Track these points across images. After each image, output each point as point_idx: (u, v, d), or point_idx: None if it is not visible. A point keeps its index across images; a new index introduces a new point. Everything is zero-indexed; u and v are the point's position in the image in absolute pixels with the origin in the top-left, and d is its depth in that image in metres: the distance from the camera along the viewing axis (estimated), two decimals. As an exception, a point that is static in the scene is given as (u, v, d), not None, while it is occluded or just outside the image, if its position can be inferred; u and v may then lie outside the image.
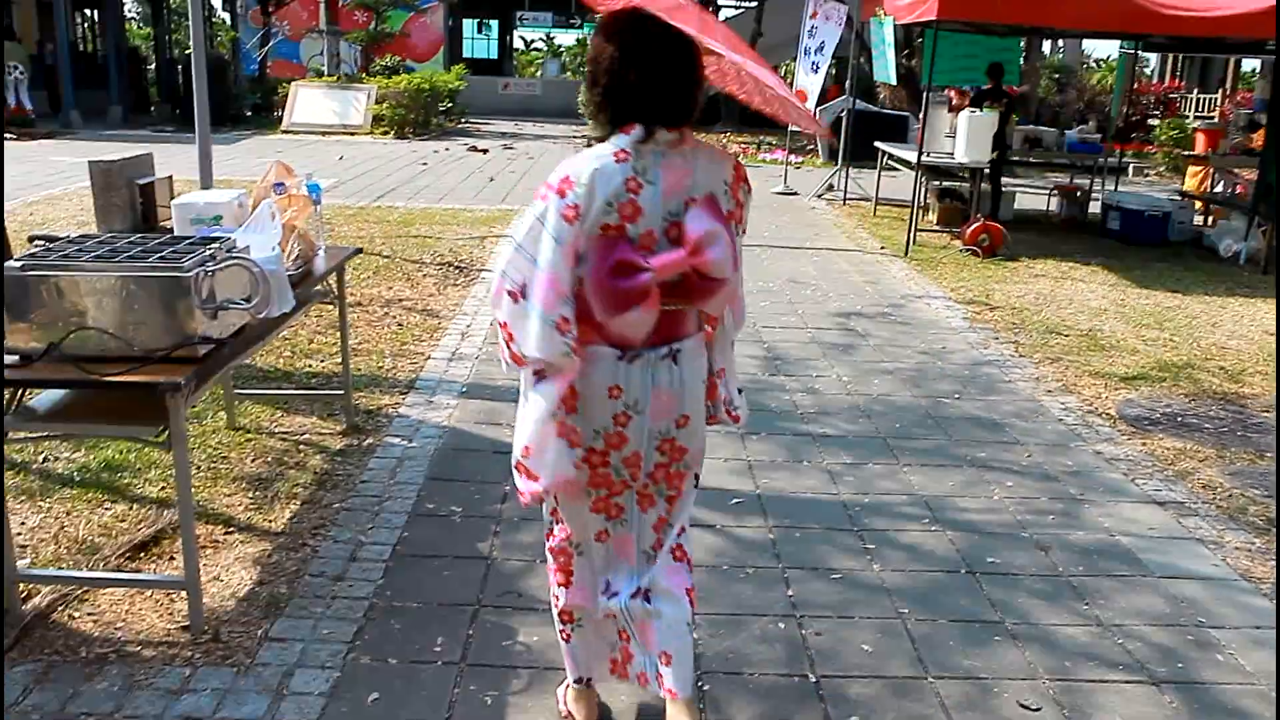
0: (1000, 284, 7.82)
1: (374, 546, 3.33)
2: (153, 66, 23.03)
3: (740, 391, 2.51)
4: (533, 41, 42.44)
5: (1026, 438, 4.61)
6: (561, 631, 2.48)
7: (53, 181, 10.99)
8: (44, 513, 3.50)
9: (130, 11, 29.02)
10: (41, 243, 2.89)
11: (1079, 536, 3.66)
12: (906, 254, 8.79)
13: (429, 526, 3.49)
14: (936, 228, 10.14)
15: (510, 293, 2.12)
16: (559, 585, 2.45)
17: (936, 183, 10.51)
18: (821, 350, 5.83)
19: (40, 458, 3.89)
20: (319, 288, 3.89)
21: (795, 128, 12.47)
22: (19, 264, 2.67)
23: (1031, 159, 11.54)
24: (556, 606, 2.47)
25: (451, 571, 3.19)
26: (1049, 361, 5.79)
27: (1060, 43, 24.83)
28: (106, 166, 8.73)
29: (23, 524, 3.41)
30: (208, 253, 2.76)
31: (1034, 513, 3.84)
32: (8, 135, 15.63)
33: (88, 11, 23.57)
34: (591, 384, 2.20)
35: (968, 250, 8.96)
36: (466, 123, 21.50)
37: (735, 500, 3.81)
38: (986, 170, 9.67)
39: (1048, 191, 12.20)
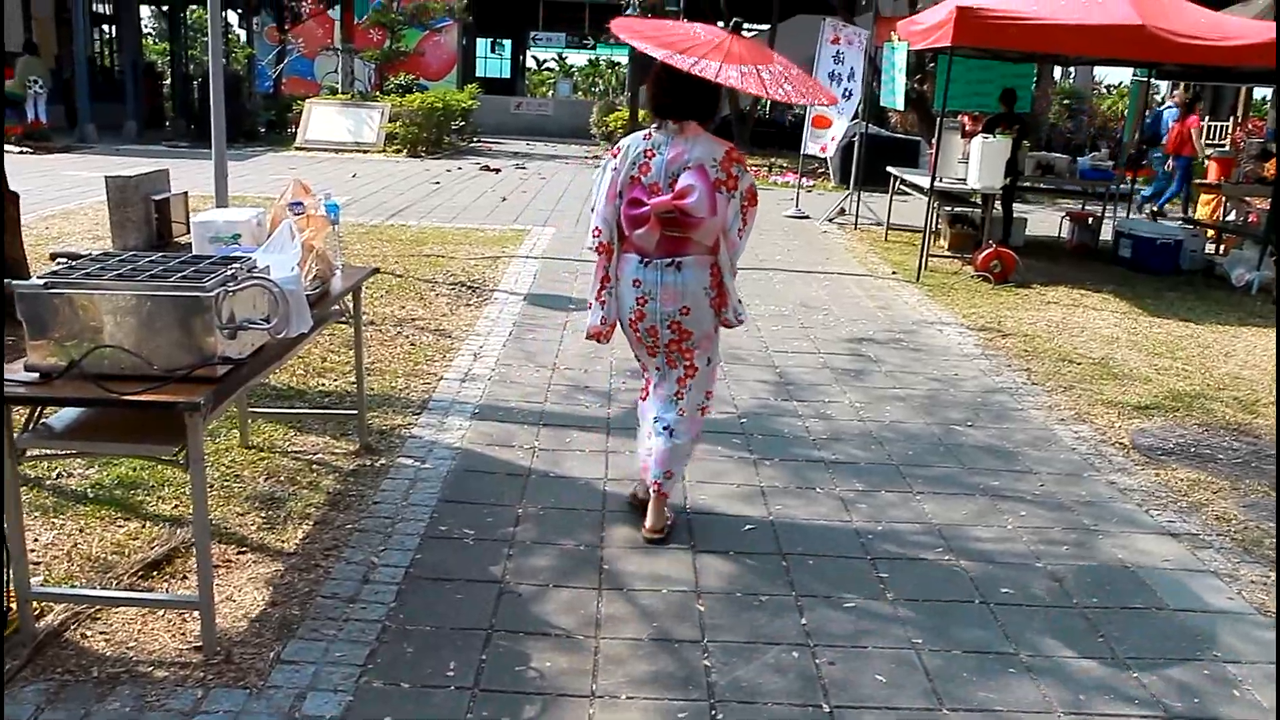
0: (1012, 311, 7.81)
1: (386, 568, 3.32)
2: (168, 82, 23.17)
3: (740, 302, 3.61)
4: (545, 61, 42.68)
5: (1039, 467, 4.59)
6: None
7: (68, 196, 11.06)
8: (57, 529, 3.51)
9: (147, 26, 29.27)
10: (64, 260, 2.91)
11: (1093, 567, 3.64)
12: (918, 279, 8.79)
13: (441, 549, 3.49)
14: (948, 253, 10.14)
15: (592, 209, 3.56)
16: (640, 399, 3.83)
17: (948, 208, 10.52)
18: (833, 376, 5.82)
19: (54, 474, 3.90)
20: (336, 307, 3.90)
21: (807, 149, 12.54)
22: (42, 281, 2.69)
23: (1043, 185, 11.54)
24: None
25: (464, 595, 3.19)
26: (1061, 390, 5.77)
27: (1072, 69, 24.88)
28: (123, 182, 8.79)
29: (36, 541, 3.40)
30: (228, 273, 2.78)
31: (1047, 543, 3.82)
32: (24, 149, 15.74)
33: (105, 27, 23.78)
34: (623, 276, 3.51)
35: (979, 276, 8.96)
36: (479, 142, 21.60)
37: (748, 527, 3.80)
38: (999, 196, 9.68)
39: (1059, 218, 12.19)
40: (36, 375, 2.69)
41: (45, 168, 13.69)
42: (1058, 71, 23.44)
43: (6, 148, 15.10)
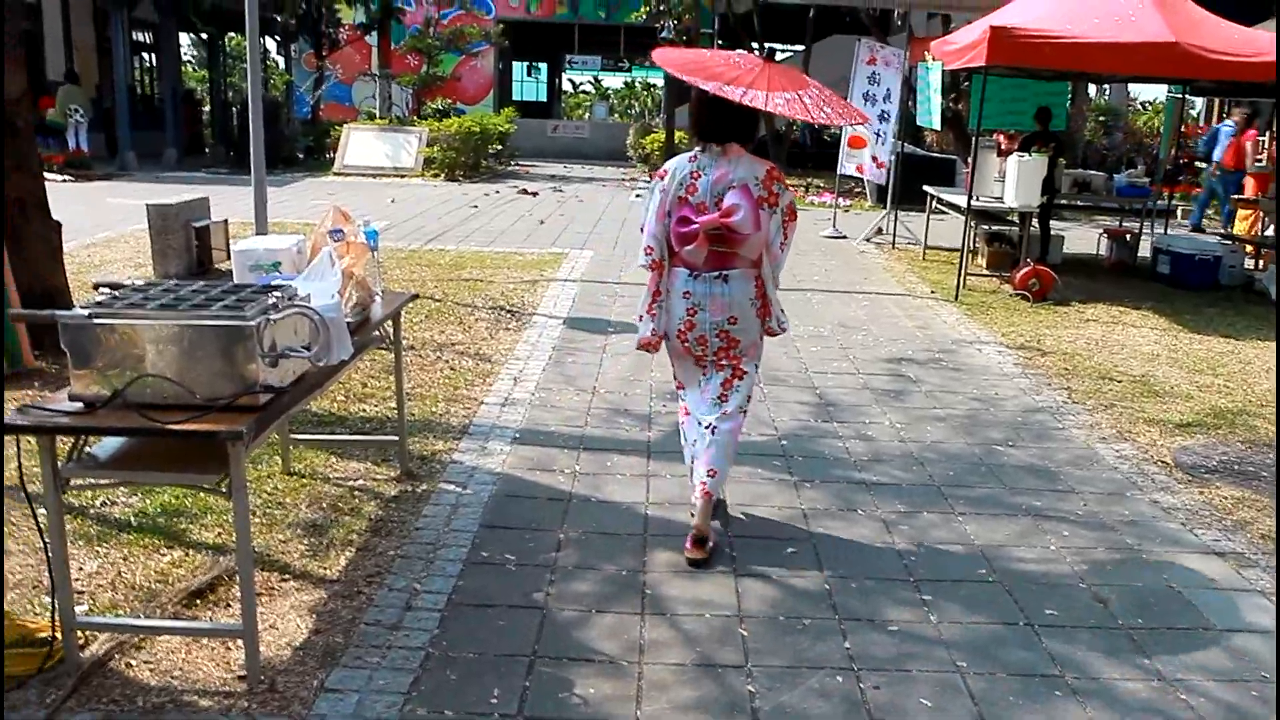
0: (1051, 329, 7.72)
1: (429, 595, 3.32)
2: (208, 109, 23.58)
3: (783, 311, 3.87)
4: (581, 84, 42.96)
5: (1082, 486, 4.52)
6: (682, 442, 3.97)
7: (109, 224, 11.24)
8: (101, 558, 3.53)
9: (187, 54, 29.82)
10: (107, 290, 2.94)
11: (1138, 588, 3.57)
12: (956, 298, 8.71)
13: (484, 575, 3.49)
14: (986, 272, 10.05)
15: (641, 228, 3.79)
16: (681, 413, 3.98)
17: (985, 227, 10.44)
18: (873, 396, 5.78)
19: (99, 502, 3.94)
20: (376, 333, 3.93)
21: (844, 170, 12.50)
22: (87, 312, 2.72)
23: (1080, 202, 11.44)
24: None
25: (507, 621, 3.18)
26: (1102, 408, 5.68)
27: (1106, 85, 24.66)
28: (163, 210, 9.00)
29: (80, 569, 3.43)
30: (270, 301, 2.80)
31: (1091, 563, 3.75)
32: (66, 177, 16.04)
33: (145, 55, 24.25)
34: (673, 289, 3.73)
35: (1018, 295, 8.87)
36: (516, 165, 21.74)
37: (790, 550, 3.76)
38: (1036, 214, 9.59)
39: (1097, 235, 12.06)
40: (81, 405, 2.72)
41: (87, 196, 13.95)
42: (1092, 88, 23.25)
43: (49, 176, 15.46)
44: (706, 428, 3.76)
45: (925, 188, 11.46)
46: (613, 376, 5.95)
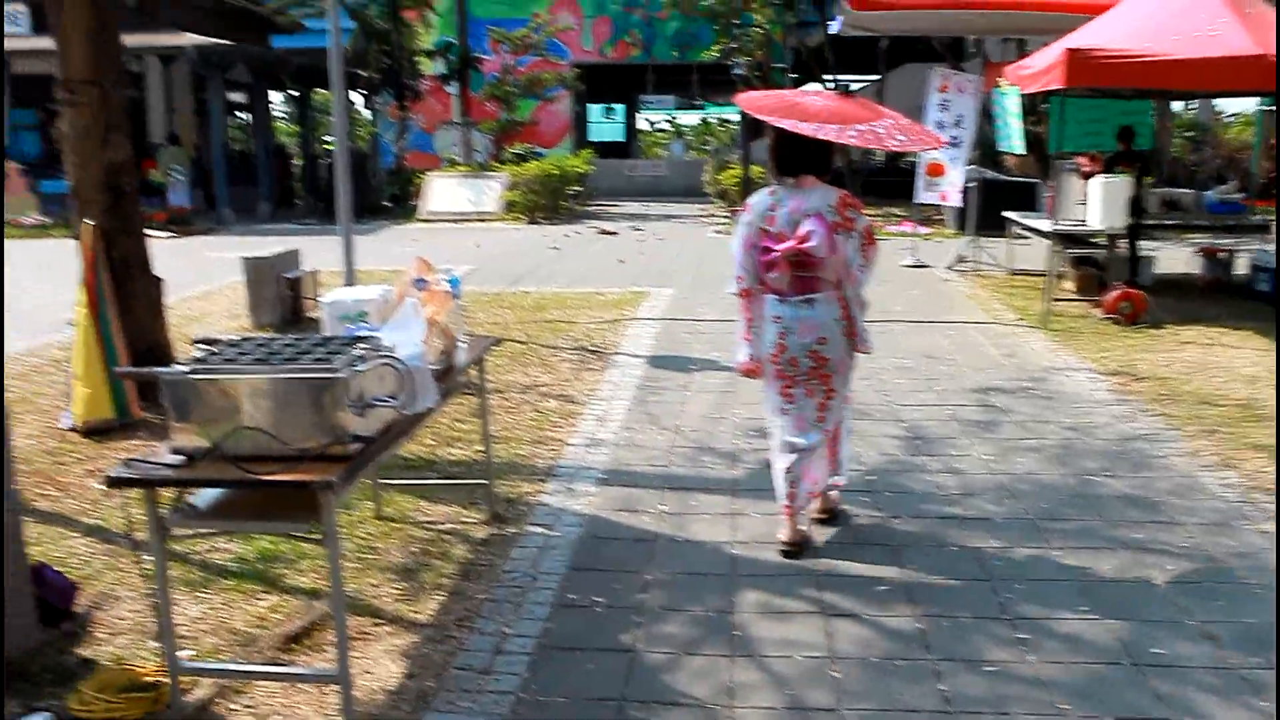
0: (1145, 353, 7.48)
1: (518, 638, 3.35)
2: (299, 163, 24.40)
3: (867, 330, 4.02)
4: (658, 123, 43.31)
5: (1185, 517, 4.34)
6: (773, 469, 4.14)
7: (208, 277, 11.67)
8: (204, 604, 3.66)
9: (279, 111, 30.94)
10: (204, 346, 3.06)
11: (1250, 624, 3.41)
12: (1044, 325, 8.51)
13: (572, 617, 3.50)
14: (1074, 296, 9.79)
15: (732, 259, 4.00)
16: (774, 448, 4.14)
17: (1072, 250, 10.19)
18: (962, 428, 5.66)
19: (203, 549, 4.07)
20: (461, 378, 4.00)
21: (923, 197, 12.35)
22: (187, 368, 2.83)
23: (1169, 222, 11.08)
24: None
25: (595, 664, 3.18)
26: (1204, 434, 5.47)
27: (1194, 100, 23.94)
28: (258, 263, 9.35)
29: (185, 615, 3.55)
30: (357, 353, 2.87)
31: (1199, 598, 3.59)
32: (168, 233, 16.73)
33: (240, 114, 25.23)
34: (764, 314, 3.96)
35: (1109, 319, 8.62)
36: (595, 205, 21.99)
37: (881, 588, 3.70)
38: (1124, 236, 9.33)
39: (1190, 254, 11.67)
40: (181, 457, 2.82)
41: (187, 250, 14.53)
42: (1177, 104, 22.59)
43: (152, 232, 16.12)
44: (809, 451, 3.99)
45: (1005, 213, 11.26)
46: (696, 414, 5.95)
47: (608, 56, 26.33)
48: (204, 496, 2.96)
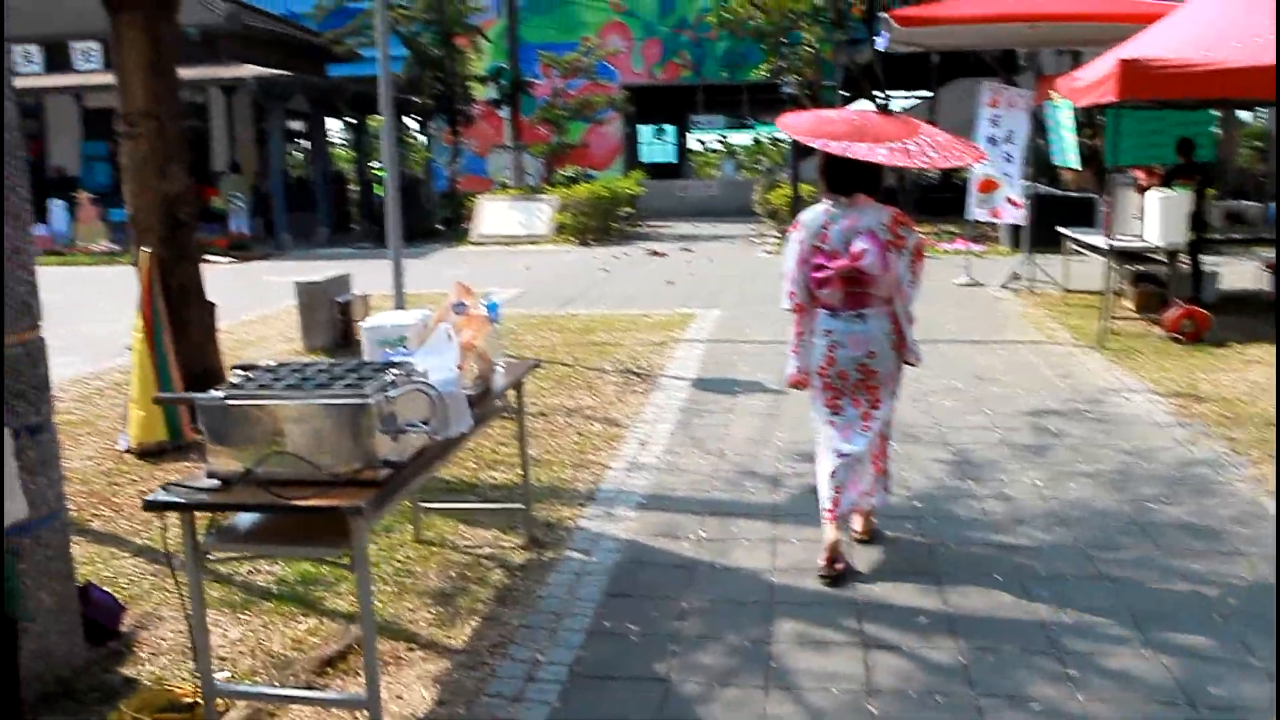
0: (1208, 373, 7.25)
1: (551, 666, 3.32)
2: (356, 188, 24.82)
3: (916, 343, 4.11)
4: (710, 143, 43.34)
5: (1249, 547, 4.17)
6: (818, 475, 4.19)
7: (265, 301, 11.87)
8: (244, 625, 3.69)
9: (338, 138, 31.52)
10: (241, 373, 3.09)
11: (1320, 664, 3.26)
12: (1101, 344, 8.29)
13: (606, 645, 3.46)
14: (1133, 315, 9.54)
15: (784, 275, 4.07)
16: (819, 453, 4.18)
17: (1130, 267, 9.95)
18: (1012, 452, 5.52)
19: (244, 570, 4.11)
20: (499, 403, 4.00)
21: (975, 216, 12.16)
22: (222, 394, 2.86)
23: (1235, 236, 10.77)
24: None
25: (628, 694, 3.14)
26: (1270, 459, 5.26)
27: (1264, 109, 23.31)
28: (311, 287, 9.49)
29: (225, 636, 3.60)
30: (388, 379, 2.88)
31: (1263, 635, 3.44)
32: (229, 258, 17.10)
33: (300, 142, 25.76)
34: (816, 328, 4.04)
35: (1170, 338, 8.39)
36: (646, 226, 22.04)
37: (922, 619, 3.60)
38: (1185, 251, 9.09)
39: (1257, 269, 11.33)
40: (218, 481, 2.85)
41: (246, 275, 14.82)
42: (1245, 112, 22.03)
43: (213, 258, 16.52)
44: (854, 458, 4.05)
45: (1059, 229, 11.04)
46: (740, 438, 5.88)
47: (657, 78, 26.46)
48: (240, 520, 2.99)
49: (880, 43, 12.58)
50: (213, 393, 2.88)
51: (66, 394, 7.52)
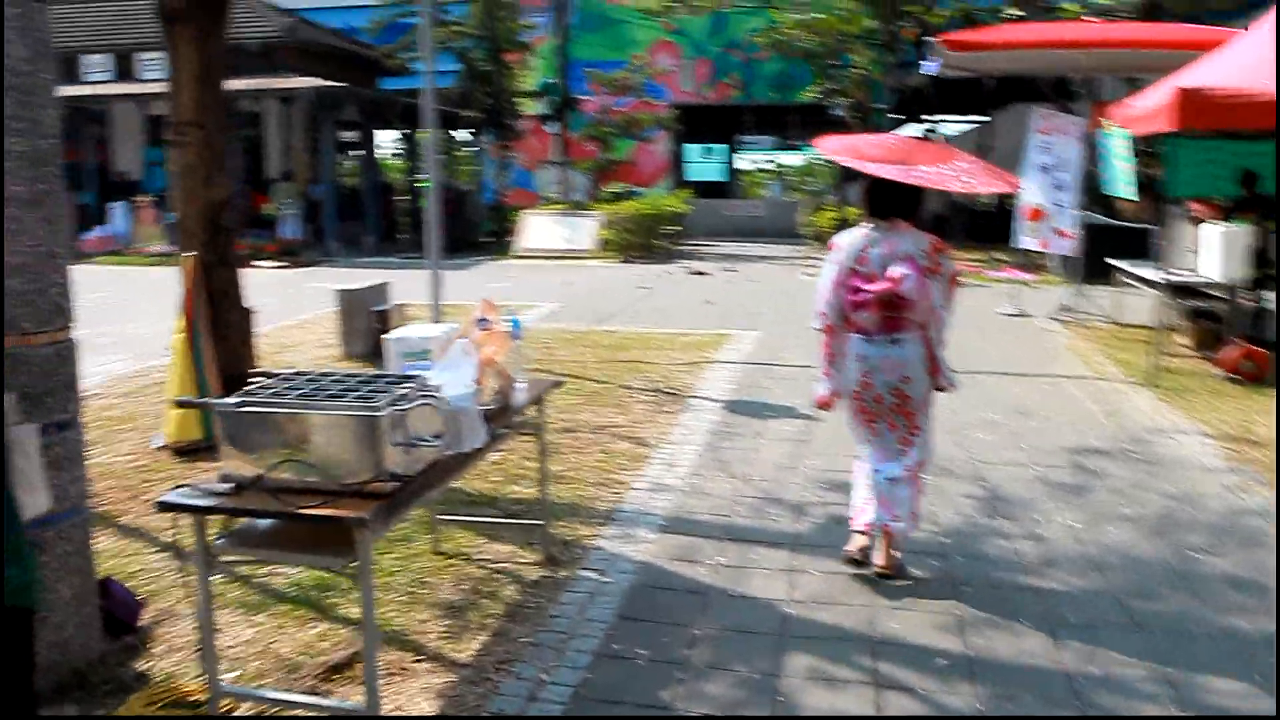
0: (1266, 416, 6.97)
1: (555, 687, 3.26)
2: (406, 199, 25.13)
3: (950, 369, 4.18)
4: (760, 163, 43.29)
5: (1298, 604, 3.99)
6: (854, 486, 4.29)
7: (308, 307, 11.98)
8: (258, 627, 3.70)
9: (391, 148, 31.93)
10: (260, 379, 3.09)
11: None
12: (1153, 382, 8.05)
13: (612, 668, 3.39)
14: (1189, 352, 9.28)
15: (817, 295, 4.13)
16: (855, 470, 4.31)
17: (1186, 302, 9.69)
18: (1048, 491, 5.36)
19: (263, 572, 4.10)
20: (518, 419, 3.96)
21: (1023, 243, 11.95)
22: (235, 400, 2.86)
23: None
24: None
25: (630, 721, 3.07)
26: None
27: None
28: (350, 295, 9.58)
29: (237, 637, 3.62)
30: (400, 392, 2.86)
31: (1310, 698, 3.27)
32: (277, 264, 17.34)
33: (352, 152, 26.15)
34: (849, 352, 4.09)
35: (1227, 378, 8.13)
36: (691, 245, 21.99)
37: (941, 661, 3.48)
38: (1246, 288, 8.83)
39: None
40: (230, 486, 2.85)
41: (293, 281, 15.00)
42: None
43: (260, 264, 16.77)
44: (888, 479, 4.12)
45: (1110, 260, 10.79)
46: (768, 463, 5.79)
47: (706, 97, 26.44)
48: (252, 524, 2.99)
49: (929, 67, 12.43)
50: (227, 399, 2.88)
51: (111, 390, 7.64)
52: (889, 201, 4.04)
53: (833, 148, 4.26)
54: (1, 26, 2.85)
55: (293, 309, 11.76)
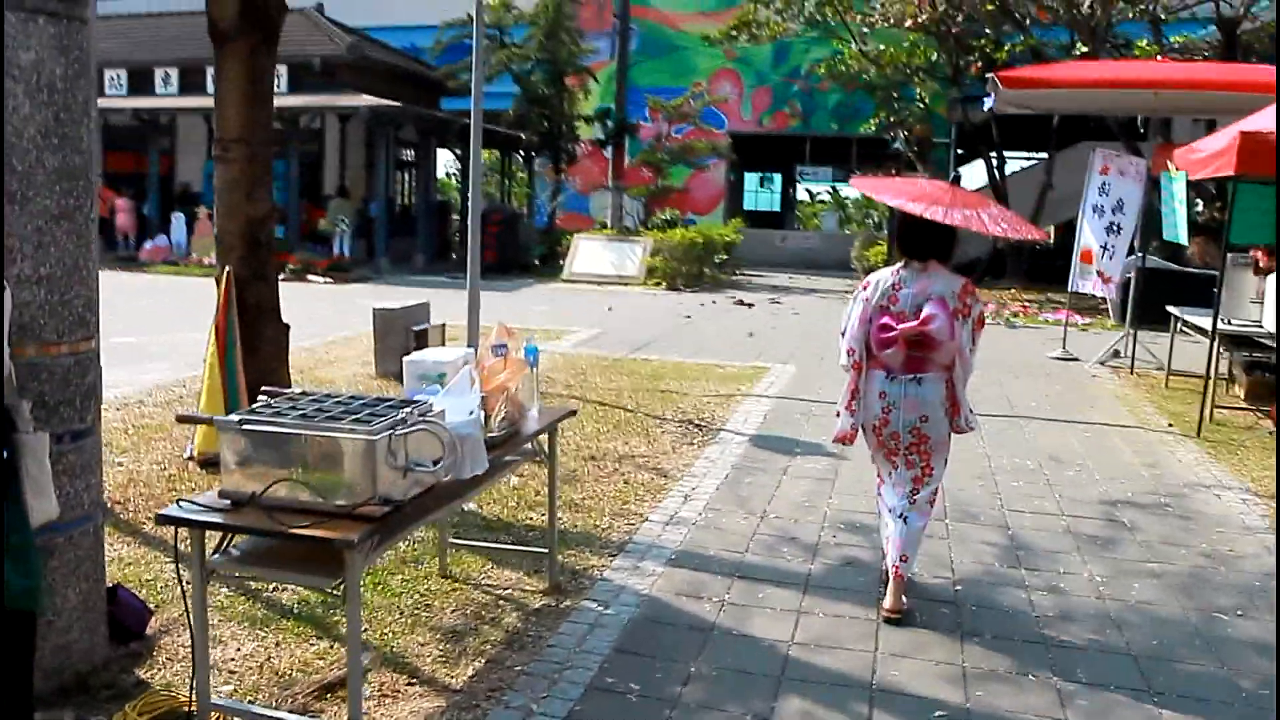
0: (1313, 475, 6.77)
1: (543, 717, 3.23)
2: (458, 218, 25.46)
3: (971, 411, 4.20)
4: (818, 194, 43.16)
5: (1331, 677, 3.82)
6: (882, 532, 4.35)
7: (352, 323, 12.13)
8: (259, 641, 3.73)
9: (452, 168, 32.40)
10: (265, 397, 3.13)
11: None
12: (1199, 434, 7.81)
13: (602, 702, 3.36)
14: (1242, 405, 9.00)
15: (841, 332, 4.25)
16: (879, 501, 4.38)
17: (1243, 353, 9.40)
18: (1075, 542, 5.22)
19: (270, 587, 4.14)
20: (528, 447, 3.97)
21: (1078, 288, 11.73)
22: (237, 419, 2.89)
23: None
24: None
25: (613, 760, 3.03)
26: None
27: None
28: (387, 314, 9.69)
29: (238, 650, 3.64)
30: (399, 416, 2.87)
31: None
32: (327, 280, 17.63)
33: (408, 169, 26.59)
34: (871, 389, 4.14)
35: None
36: (740, 274, 21.96)
37: (939, 713, 3.39)
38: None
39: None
40: (229, 502, 2.88)
41: (341, 296, 15.23)
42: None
43: (311, 278, 17.04)
44: (900, 516, 4.16)
45: (1169, 308, 10.55)
46: (787, 501, 5.72)
47: (765, 127, 26.47)
48: (250, 541, 3.01)
49: (986, 103, 12.30)
50: (229, 416, 2.92)
51: (150, 399, 7.81)
52: (926, 242, 4.08)
53: (871, 186, 4.47)
54: (1, 27, 2.92)
55: (337, 325, 11.94)
